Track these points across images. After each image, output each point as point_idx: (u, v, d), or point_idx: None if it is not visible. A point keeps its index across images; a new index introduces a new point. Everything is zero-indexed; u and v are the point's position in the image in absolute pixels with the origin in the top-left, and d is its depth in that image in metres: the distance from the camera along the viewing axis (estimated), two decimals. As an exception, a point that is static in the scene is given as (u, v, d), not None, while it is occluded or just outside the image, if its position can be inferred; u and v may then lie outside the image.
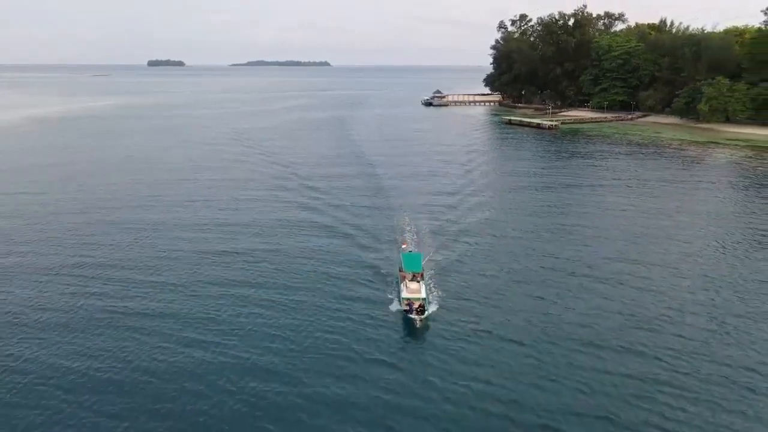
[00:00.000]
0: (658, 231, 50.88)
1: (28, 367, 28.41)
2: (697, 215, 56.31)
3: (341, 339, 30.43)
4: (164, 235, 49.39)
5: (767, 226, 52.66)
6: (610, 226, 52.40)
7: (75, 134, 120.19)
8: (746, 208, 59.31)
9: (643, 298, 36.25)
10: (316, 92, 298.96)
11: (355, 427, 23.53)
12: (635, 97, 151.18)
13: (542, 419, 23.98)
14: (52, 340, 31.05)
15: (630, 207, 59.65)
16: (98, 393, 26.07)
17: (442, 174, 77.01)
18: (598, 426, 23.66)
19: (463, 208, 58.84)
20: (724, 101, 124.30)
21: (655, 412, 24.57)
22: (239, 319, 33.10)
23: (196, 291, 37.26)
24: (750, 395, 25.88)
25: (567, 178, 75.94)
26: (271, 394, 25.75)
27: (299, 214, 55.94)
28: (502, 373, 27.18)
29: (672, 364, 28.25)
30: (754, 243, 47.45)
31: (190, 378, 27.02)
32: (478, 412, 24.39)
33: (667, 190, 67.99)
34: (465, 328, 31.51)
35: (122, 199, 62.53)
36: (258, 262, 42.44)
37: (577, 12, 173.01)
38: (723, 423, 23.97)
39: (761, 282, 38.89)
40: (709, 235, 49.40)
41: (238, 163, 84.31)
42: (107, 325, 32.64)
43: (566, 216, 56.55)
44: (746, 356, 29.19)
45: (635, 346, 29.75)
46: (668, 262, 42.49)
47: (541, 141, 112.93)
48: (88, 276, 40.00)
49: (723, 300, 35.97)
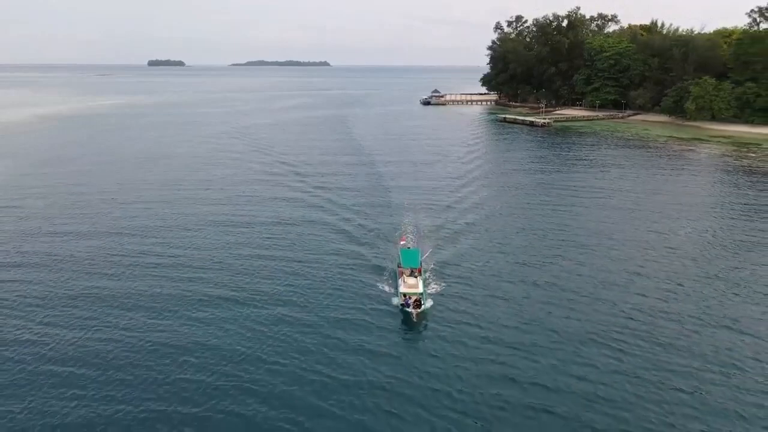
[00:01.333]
0: (642, 220, 55.73)
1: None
2: (673, 197, 61.56)
3: (341, 332, 31.28)
4: (179, 220, 54.26)
5: (735, 210, 57.90)
6: (599, 218, 55.71)
7: (95, 130, 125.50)
8: (716, 194, 64.55)
9: (637, 287, 37.62)
10: (317, 92, 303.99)
11: (352, 413, 24.46)
12: (626, 96, 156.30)
13: (534, 406, 24.80)
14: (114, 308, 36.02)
15: (610, 190, 64.80)
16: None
17: (439, 167, 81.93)
18: (592, 417, 24.21)
19: (458, 198, 62.91)
20: (710, 100, 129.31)
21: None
22: (237, 308, 34.36)
23: (192, 281, 38.48)
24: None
25: (556, 169, 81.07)
26: (268, 384, 26.50)
27: (302, 205, 58.79)
28: (494, 364, 28.07)
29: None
30: (722, 221, 52.65)
31: (189, 372, 27.51)
32: (469, 399, 25.27)
33: (645, 179, 73.17)
34: (460, 321, 32.46)
35: (154, 185, 68.08)
36: (259, 254, 43.87)
37: (570, 14, 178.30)
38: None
39: (723, 247, 44.07)
40: (680, 212, 54.76)
41: (247, 156, 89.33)
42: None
43: (557, 208, 60.16)
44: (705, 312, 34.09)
45: (633, 348, 29.87)
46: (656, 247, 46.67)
47: (533, 137, 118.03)
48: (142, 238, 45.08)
49: (682, 265, 41.11)
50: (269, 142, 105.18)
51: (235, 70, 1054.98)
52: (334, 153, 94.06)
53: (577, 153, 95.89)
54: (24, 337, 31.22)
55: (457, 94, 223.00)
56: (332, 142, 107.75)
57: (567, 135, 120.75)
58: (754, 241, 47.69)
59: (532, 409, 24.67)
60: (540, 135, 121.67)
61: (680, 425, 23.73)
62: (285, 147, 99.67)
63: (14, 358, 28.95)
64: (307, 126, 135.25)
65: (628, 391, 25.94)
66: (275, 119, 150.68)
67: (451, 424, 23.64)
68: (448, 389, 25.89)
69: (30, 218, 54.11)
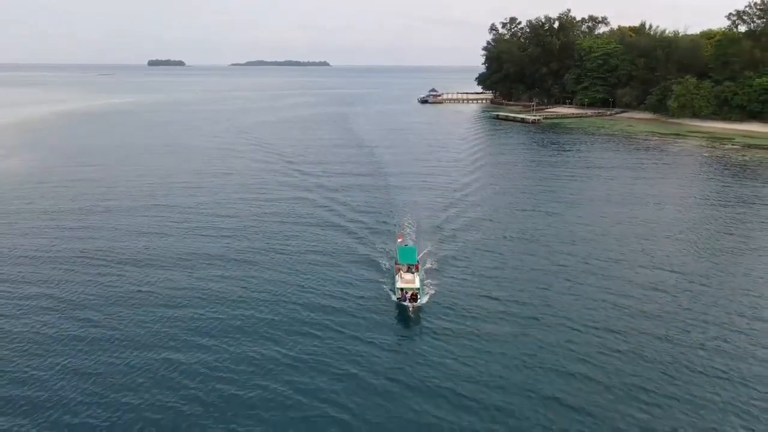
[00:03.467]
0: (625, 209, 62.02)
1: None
2: (646, 182, 69.61)
3: (337, 324, 32.41)
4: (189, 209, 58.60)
5: (703, 194, 66.25)
6: (587, 207, 59.47)
7: (116, 126, 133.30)
8: (685, 180, 72.61)
9: (629, 277, 39.32)
10: (318, 91, 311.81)
11: (346, 399, 25.57)
12: (613, 94, 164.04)
13: (525, 400, 25.44)
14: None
15: (588, 178, 72.64)
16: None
17: (435, 160, 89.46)
18: (587, 413, 24.59)
19: (455, 188, 67.40)
20: (691, 98, 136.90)
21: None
22: (239, 302, 35.56)
23: (190, 276, 39.67)
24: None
25: (543, 160, 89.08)
26: (265, 375, 27.35)
27: (306, 197, 62.37)
28: (486, 357, 28.98)
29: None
30: (690, 203, 60.56)
31: (186, 365, 28.27)
32: (459, 390, 26.22)
33: (623, 168, 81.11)
34: (455, 316, 33.47)
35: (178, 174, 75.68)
36: (260, 246, 45.83)
37: (561, 16, 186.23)
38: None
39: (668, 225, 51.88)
40: (652, 196, 63.00)
41: (255, 150, 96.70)
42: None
43: (547, 199, 63.60)
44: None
45: (630, 342, 30.57)
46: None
47: (523, 133, 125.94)
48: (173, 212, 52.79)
49: (660, 249, 48.88)
50: (277, 137, 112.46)
51: (235, 69, 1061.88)
52: (337, 146, 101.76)
53: (562, 146, 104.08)
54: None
55: (454, 93, 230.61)
56: (335, 136, 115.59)
57: (555, 131, 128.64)
58: (715, 218, 55.60)
59: (522, 401, 25.26)
60: (530, 131, 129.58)
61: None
62: (291, 141, 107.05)
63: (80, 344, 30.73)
64: (311, 122, 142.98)
65: (627, 386, 26.36)
66: (281, 116, 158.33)
67: (437, 412, 24.60)
68: (436, 381, 26.85)
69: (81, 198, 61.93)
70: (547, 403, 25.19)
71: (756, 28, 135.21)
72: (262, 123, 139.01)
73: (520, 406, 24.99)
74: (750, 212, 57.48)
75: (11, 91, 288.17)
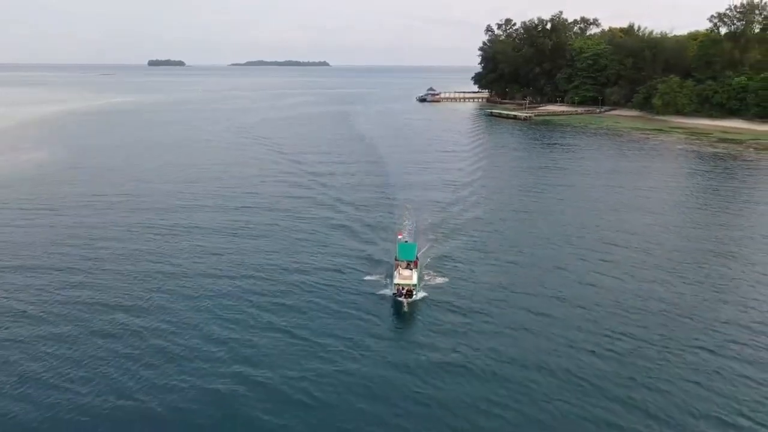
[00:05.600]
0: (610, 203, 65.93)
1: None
2: (626, 173, 77.18)
3: (335, 319, 33.15)
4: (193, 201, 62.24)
5: (676, 182, 73.49)
6: (576, 199, 62.89)
7: (123, 123, 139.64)
8: (661, 170, 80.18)
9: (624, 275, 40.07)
10: (319, 90, 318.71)
11: (340, 390, 26.17)
12: (603, 93, 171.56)
13: (514, 396, 25.61)
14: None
15: (574, 170, 79.97)
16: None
17: (432, 152, 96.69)
18: (581, 409, 24.73)
19: (451, 181, 71.49)
20: (674, 96, 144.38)
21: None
22: (234, 294, 36.51)
23: (186, 273, 40.19)
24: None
25: (534, 153, 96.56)
26: (258, 368, 27.82)
27: (308, 191, 64.85)
28: (477, 353, 29.36)
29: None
30: (661, 184, 68.14)
31: (184, 359, 28.67)
32: (449, 382, 26.75)
33: (604, 160, 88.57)
34: (449, 312, 34.03)
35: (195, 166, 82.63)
36: (260, 238, 47.49)
37: (553, 18, 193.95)
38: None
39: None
40: (628, 182, 70.44)
41: (259, 148, 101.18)
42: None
43: (535, 188, 68.06)
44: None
45: (625, 335, 31.16)
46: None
47: (515, 129, 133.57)
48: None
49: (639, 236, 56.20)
50: (280, 134, 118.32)
51: (235, 69, 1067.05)
52: (339, 141, 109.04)
53: (550, 140, 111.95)
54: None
55: (452, 92, 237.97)
56: (337, 132, 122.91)
57: (545, 127, 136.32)
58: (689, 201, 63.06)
59: (510, 399, 25.43)
60: (521, 127, 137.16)
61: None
62: (294, 138, 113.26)
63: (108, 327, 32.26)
64: (314, 120, 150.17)
65: (623, 380, 26.82)
66: (283, 114, 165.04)
67: (420, 409, 24.94)
68: (424, 374, 27.40)
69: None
70: (539, 399, 25.34)
71: (736, 30, 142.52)
72: (263, 121, 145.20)
73: (508, 402, 25.21)
74: (709, 188, 66.34)
75: (15, 90, 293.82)
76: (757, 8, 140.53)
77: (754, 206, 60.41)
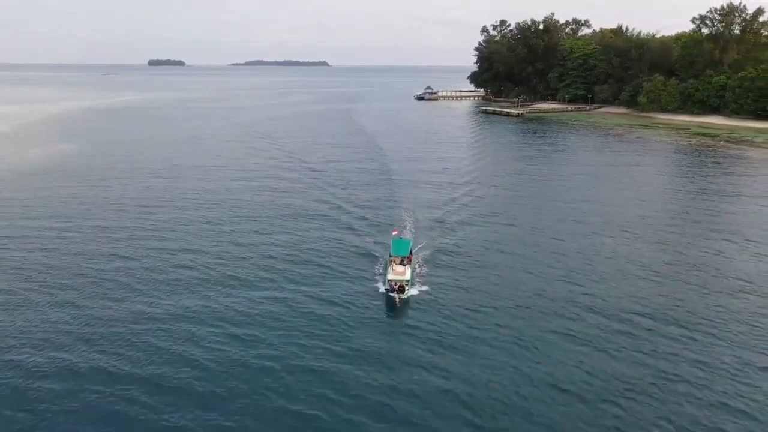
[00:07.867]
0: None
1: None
2: (608, 163, 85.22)
3: (326, 313, 33.19)
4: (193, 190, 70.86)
5: (656, 173, 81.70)
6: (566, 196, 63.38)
7: (145, 120, 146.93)
8: (641, 160, 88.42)
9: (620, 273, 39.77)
10: (320, 89, 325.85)
11: (335, 384, 26.23)
12: (592, 91, 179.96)
13: (504, 394, 25.47)
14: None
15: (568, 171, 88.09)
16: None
17: (430, 144, 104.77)
18: (571, 407, 24.62)
19: (446, 175, 74.21)
20: (659, 94, 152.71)
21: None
22: (229, 291, 36.26)
23: (181, 268, 40.22)
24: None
25: (525, 148, 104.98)
26: (253, 362, 27.97)
27: (310, 184, 67.23)
28: (464, 351, 29.15)
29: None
30: (644, 179, 76.26)
31: (180, 353, 28.88)
32: (439, 378, 26.73)
33: (589, 152, 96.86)
34: (441, 309, 33.97)
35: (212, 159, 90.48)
36: (260, 234, 48.05)
37: (546, 19, 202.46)
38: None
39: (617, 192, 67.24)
40: (612, 175, 78.25)
41: (264, 143, 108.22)
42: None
43: (534, 188, 68.43)
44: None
45: (626, 331, 31.01)
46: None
47: (508, 125, 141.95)
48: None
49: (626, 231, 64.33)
50: (285, 130, 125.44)
51: (235, 69, 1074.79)
52: (342, 135, 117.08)
53: (541, 136, 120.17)
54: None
55: (449, 90, 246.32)
56: (340, 128, 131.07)
57: (536, 123, 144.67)
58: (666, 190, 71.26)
59: (502, 395, 25.39)
60: (514, 124, 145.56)
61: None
62: (299, 133, 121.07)
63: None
64: (316, 117, 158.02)
65: (620, 382, 26.39)
66: (287, 112, 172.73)
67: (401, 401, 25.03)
68: (413, 370, 27.40)
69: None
70: (531, 398, 25.26)
71: (716, 32, 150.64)
72: (272, 118, 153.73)
73: (500, 397, 25.28)
74: (680, 174, 73.83)
75: (25, 89, 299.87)
76: (736, 11, 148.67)
77: (721, 196, 63.50)
